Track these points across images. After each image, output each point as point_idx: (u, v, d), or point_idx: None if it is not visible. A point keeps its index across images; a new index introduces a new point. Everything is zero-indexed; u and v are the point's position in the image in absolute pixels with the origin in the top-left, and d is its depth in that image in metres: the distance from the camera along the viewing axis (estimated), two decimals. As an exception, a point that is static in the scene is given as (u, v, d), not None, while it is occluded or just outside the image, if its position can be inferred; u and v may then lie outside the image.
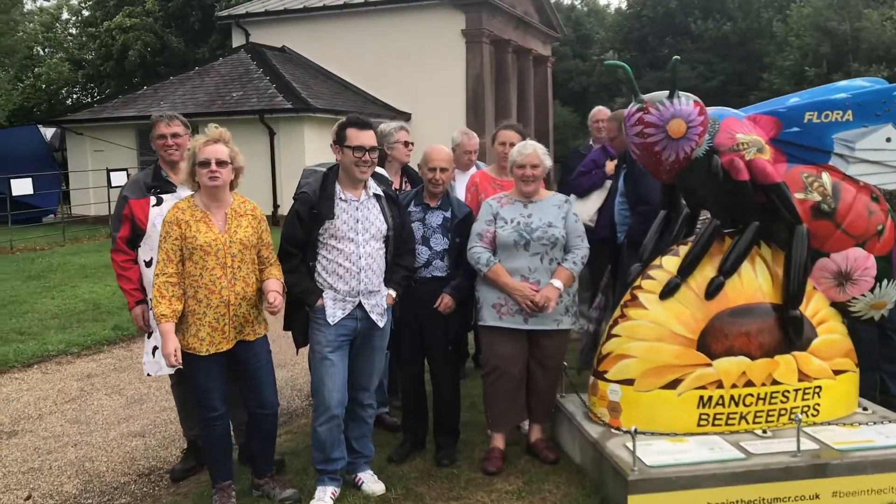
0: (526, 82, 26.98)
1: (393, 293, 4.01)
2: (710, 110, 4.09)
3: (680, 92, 3.92)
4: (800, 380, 4.00)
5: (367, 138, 3.85)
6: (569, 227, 4.23)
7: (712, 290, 3.95)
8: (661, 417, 3.97)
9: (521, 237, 4.14)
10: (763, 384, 3.95)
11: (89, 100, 31.63)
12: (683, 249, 4.09)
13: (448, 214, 4.37)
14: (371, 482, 4.06)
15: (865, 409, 4.22)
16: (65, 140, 21.70)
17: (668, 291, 4.01)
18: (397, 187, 5.01)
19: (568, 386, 4.57)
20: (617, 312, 4.16)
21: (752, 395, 3.95)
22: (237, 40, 24.98)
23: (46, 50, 36.77)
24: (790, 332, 3.95)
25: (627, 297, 4.15)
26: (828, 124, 4.00)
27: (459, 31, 22.76)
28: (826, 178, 4.03)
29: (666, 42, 32.14)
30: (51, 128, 22.42)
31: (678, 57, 3.95)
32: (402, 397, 4.65)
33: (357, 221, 3.87)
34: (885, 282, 4.09)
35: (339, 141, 3.85)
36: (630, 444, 3.75)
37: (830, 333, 4.09)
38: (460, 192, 5.20)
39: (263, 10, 24.71)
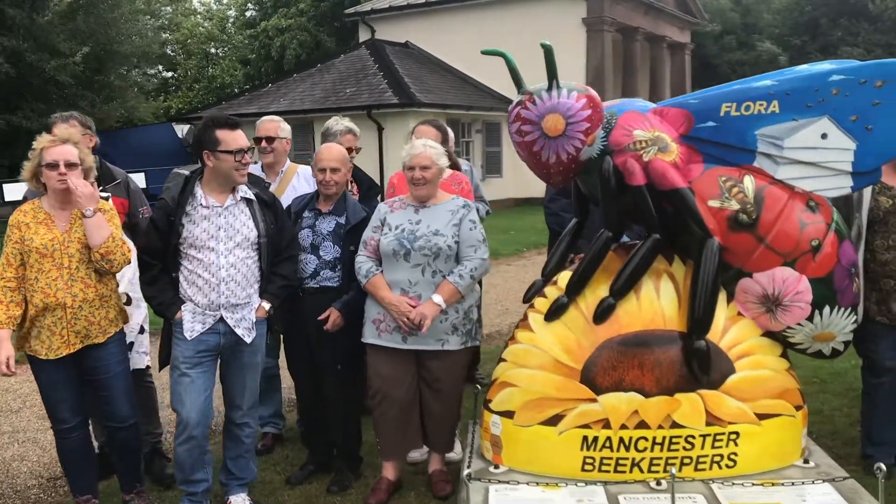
0: (659, 72, 25.73)
1: (266, 305, 3.72)
2: (612, 103, 3.52)
3: (566, 82, 3.38)
4: (708, 423, 3.34)
5: (242, 139, 3.60)
6: (462, 236, 3.77)
7: (600, 313, 3.38)
8: (542, 458, 3.44)
9: (402, 246, 3.73)
10: (660, 426, 3.33)
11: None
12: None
13: (342, 220, 4.02)
14: (238, 506, 3.81)
15: (807, 461, 3.48)
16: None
17: (552, 312, 3.47)
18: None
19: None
20: (512, 334, 3.67)
21: (645, 439, 3.34)
22: (364, 37, 25.38)
23: (220, 51, 39.03)
24: (694, 366, 3.31)
25: (522, 317, 3.65)
26: (749, 118, 3.31)
27: (580, 19, 21.98)
28: (749, 182, 3.34)
29: (840, 24, 29.67)
30: (184, 125, 23.68)
31: (548, 42, 3.39)
32: (298, 414, 4.36)
33: (219, 229, 3.61)
34: (827, 309, 3.35)
35: (210, 145, 3.58)
36: (495, 488, 3.30)
37: (755, 369, 3.39)
38: None
39: (388, 6, 24.98)
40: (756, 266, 3.34)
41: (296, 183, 4.64)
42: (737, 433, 3.35)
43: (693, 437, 3.34)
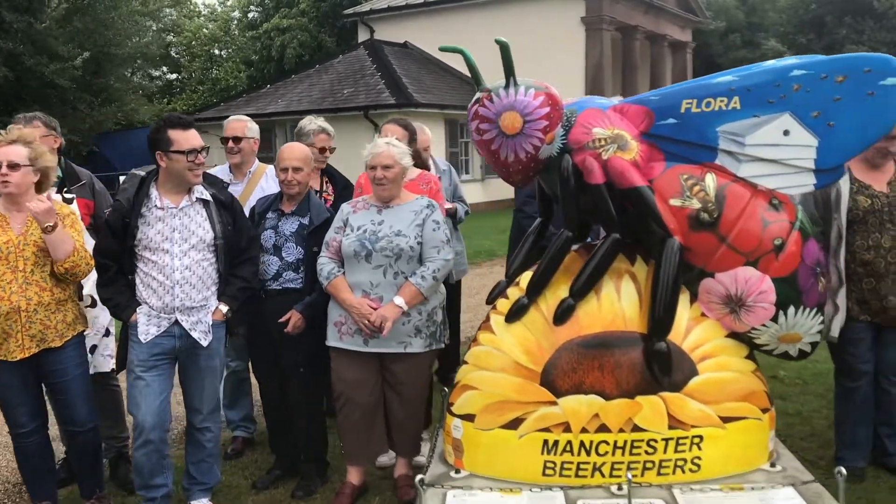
0: (660, 70, 25.61)
1: (224, 308, 3.67)
2: (573, 101, 3.45)
3: (524, 80, 3.32)
4: (671, 427, 3.26)
5: (195, 138, 3.55)
6: (425, 237, 3.71)
7: (560, 315, 3.31)
8: (502, 462, 3.37)
9: (363, 247, 3.67)
10: (621, 430, 3.26)
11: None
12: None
13: (305, 221, 3.97)
14: (200, 511, 3.76)
15: (774, 465, 3.41)
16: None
17: (513, 314, 3.41)
18: (318, 189, 4.67)
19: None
20: (475, 336, 3.61)
21: (606, 443, 3.27)
22: (363, 37, 25.35)
23: (223, 52, 38.99)
24: (654, 368, 3.24)
25: (485, 318, 3.59)
26: (710, 114, 3.23)
27: (579, 18, 21.89)
28: (710, 180, 3.27)
29: (844, 22, 29.51)
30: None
31: (502, 39, 3.32)
32: (265, 417, 4.30)
33: (174, 231, 3.56)
34: (791, 310, 3.27)
35: (163, 146, 3.53)
36: (453, 494, 3.24)
37: (719, 371, 3.32)
38: None
39: (386, 7, 24.95)
40: (718, 266, 3.27)
41: (264, 183, 4.59)
42: (700, 437, 3.28)
43: (655, 440, 3.27)
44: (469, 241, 7.40)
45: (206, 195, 3.65)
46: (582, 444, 3.28)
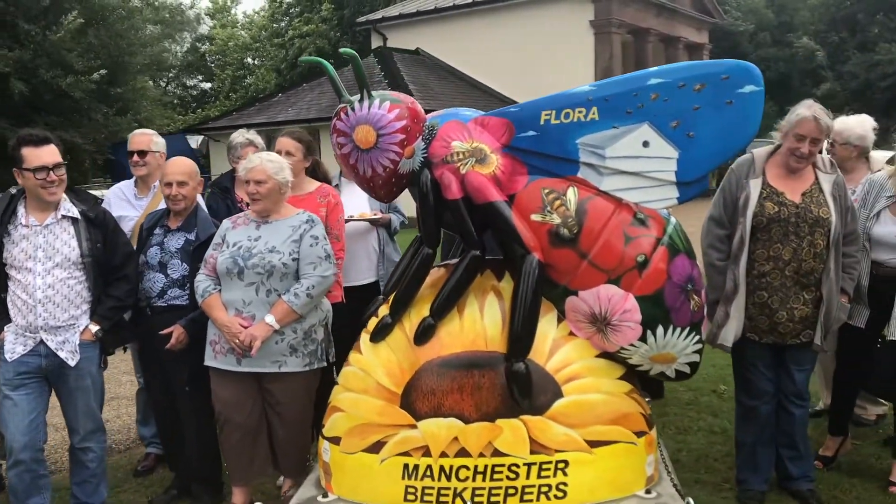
0: (676, 73, 25.16)
1: (94, 328, 3.62)
2: (436, 113, 3.35)
3: (381, 93, 3.23)
4: (533, 451, 3.13)
5: (47, 155, 3.49)
6: (302, 252, 3.62)
7: (420, 334, 3.20)
8: (366, 486, 3.27)
9: (235, 264, 3.59)
10: (481, 454, 3.14)
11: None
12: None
13: (191, 237, 3.90)
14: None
15: (650, 491, 3.26)
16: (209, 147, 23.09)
17: (376, 333, 3.31)
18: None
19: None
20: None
21: (467, 468, 3.15)
22: (377, 45, 25.37)
23: (255, 61, 39.36)
24: (514, 390, 3.11)
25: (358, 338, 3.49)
26: (569, 126, 3.10)
27: (588, 22, 21.67)
28: (572, 194, 3.13)
29: (876, 20, 28.89)
30: (198, 136, 23.91)
31: (350, 50, 3.23)
32: (158, 434, 4.25)
33: (37, 249, 3.52)
34: (660, 330, 3.12)
35: (17, 163, 3.50)
36: (310, 518, 3.15)
37: (586, 393, 3.18)
38: (351, 203, 4.67)
39: (398, 14, 24.96)
40: (581, 283, 3.13)
41: (172, 198, 4.52)
42: (565, 462, 3.14)
43: (517, 465, 3.13)
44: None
45: (74, 212, 3.60)
46: (442, 468, 3.16)
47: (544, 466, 3.14)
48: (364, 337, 3.40)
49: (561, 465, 3.14)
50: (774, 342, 3.69)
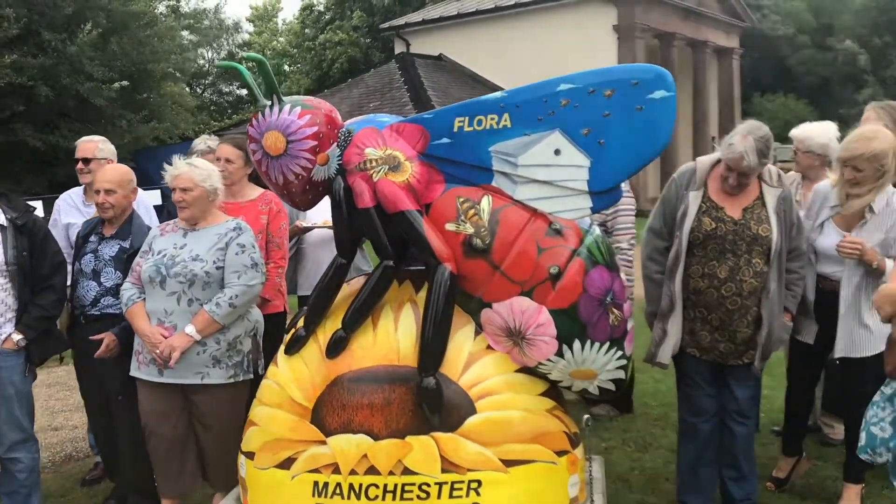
0: (703, 78, 24.84)
1: (16, 337, 3.59)
2: (355, 119, 3.27)
3: (293, 98, 3.15)
4: (444, 470, 3.02)
5: None
6: (227, 261, 3.56)
7: (331, 347, 3.11)
8: (278, 503, 3.19)
9: (158, 273, 3.53)
10: (391, 472, 3.03)
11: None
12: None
13: (126, 244, 3.86)
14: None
15: (572, 513, 3.13)
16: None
17: (290, 346, 3.23)
18: None
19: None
20: (269, 369, 3.43)
21: (376, 486, 3.05)
22: (400, 51, 25.38)
23: (290, 67, 39.67)
24: (424, 406, 3.00)
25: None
26: (482, 133, 2.99)
27: (611, 26, 21.44)
28: (486, 203, 3.02)
29: None
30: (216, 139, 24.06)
31: (256, 55, 3.15)
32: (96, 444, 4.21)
33: None
34: (577, 344, 2.99)
35: None
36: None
37: (500, 411, 3.05)
38: (316, 211, 4.60)
39: (421, 20, 24.95)
40: (494, 296, 3.01)
41: (125, 205, 4.50)
42: (479, 481, 3.02)
43: (428, 484, 3.02)
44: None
45: (2, 219, 3.57)
46: (351, 486, 3.06)
47: (456, 486, 3.02)
48: (282, 349, 3.32)
49: (474, 485, 3.02)
50: (715, 360, 3.53)
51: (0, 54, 17.54)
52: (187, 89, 32.37)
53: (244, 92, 41.62)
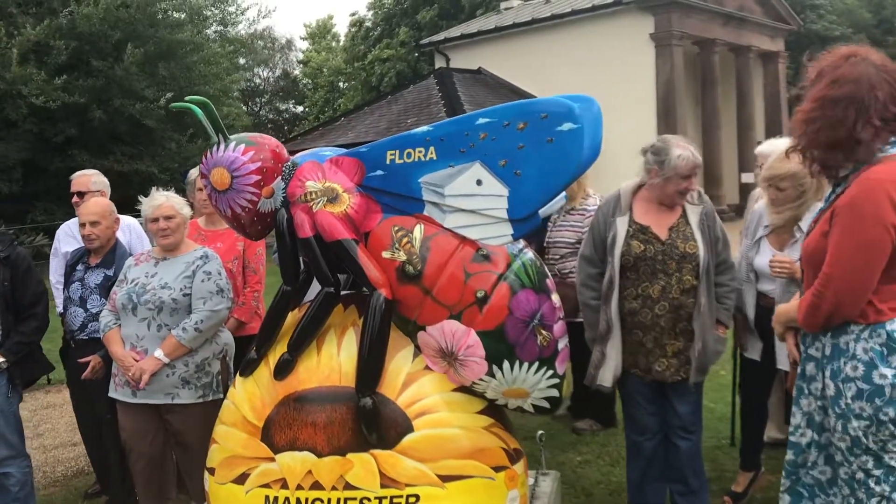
0: (747, 84, 24.51)
1: None
2: (300, 154, 3.47)
3: (239, 136, 3.37)
4: (383, 485, 3.18)
5: None
6: (194, 288, 3.80)
7: (278, 369, 3.31)
8: (235, 516, 3.39)
9: (130, 300, 3.79)
10: (334, 488, 3.21)
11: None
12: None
13: (110, 273, 4.14)
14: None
15: (508, 528, 3.25)
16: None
17: (243, 368, 3.43)
18: None
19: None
20: (232, 389, 3.65)
21: (321, 500, 3.23)
22: (439, 66, 25.67)
23: (345, 84, 40.44)
24: (361, 424, 3.17)
25: (239, 371, 3.63)
26: (411, 165, 3.17)
27: (648, 35, 21.35)
28: (418, 232, 3.18)
29: None
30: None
31: (199, 97, 3.36)
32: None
33: None
34: (506, 365, 3.13)
35: None
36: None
37: (436, 428, 3.20)
38: None
39: (459, 35, 25.18)
40: (427, 319, 3.17)
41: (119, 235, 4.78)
42: (416, 496, 3.18)
43: (368, 499, 3.19)
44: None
45: None
46: (298, 500, 3.24)
47: (395, 500, 3.18)
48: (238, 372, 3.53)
49: (412, 500, 3.18)
50: (654, 380, 3.62)
51: (51, 77, 18.29)
52: (244, 108, 33.14)
53: (300, 109, 42.57)
